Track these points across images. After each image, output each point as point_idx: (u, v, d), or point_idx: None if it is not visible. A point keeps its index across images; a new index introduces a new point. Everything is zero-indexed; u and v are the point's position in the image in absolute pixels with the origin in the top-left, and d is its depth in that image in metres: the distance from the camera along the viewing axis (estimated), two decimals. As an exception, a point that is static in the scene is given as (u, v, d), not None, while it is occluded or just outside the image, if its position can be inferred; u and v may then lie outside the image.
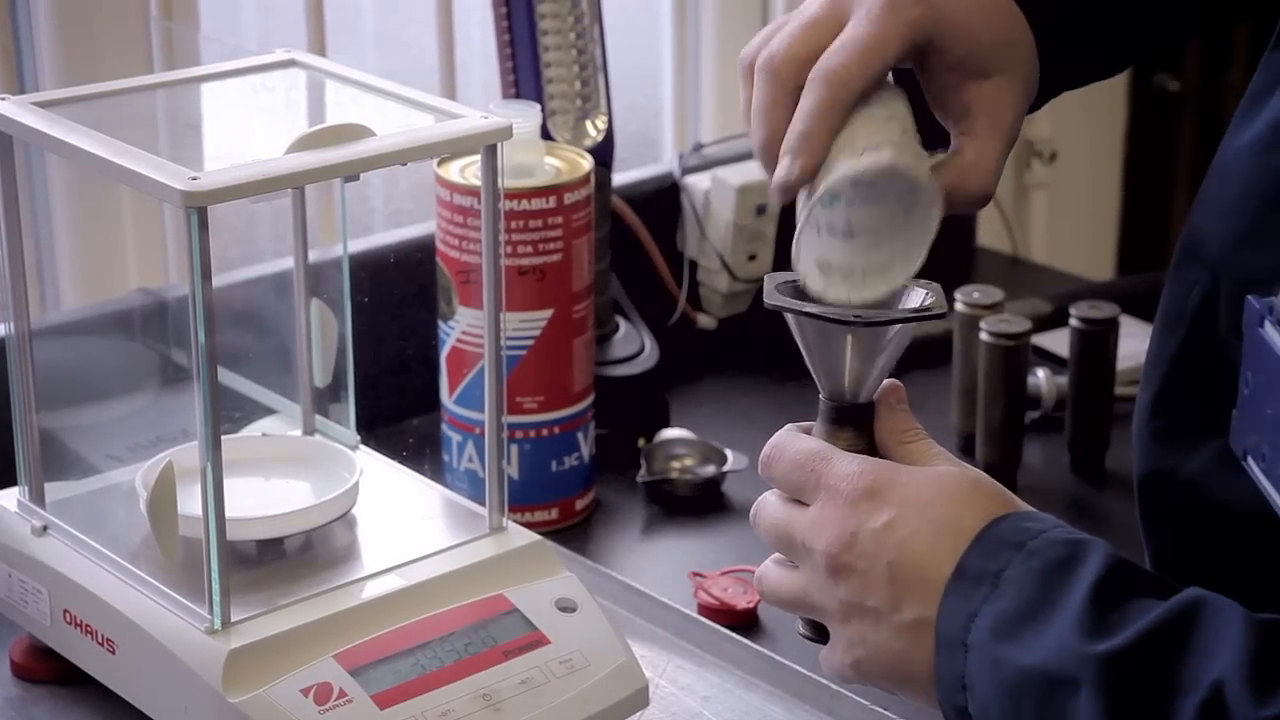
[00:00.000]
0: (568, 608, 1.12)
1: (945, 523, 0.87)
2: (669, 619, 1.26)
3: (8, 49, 1.47)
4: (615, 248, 1.53)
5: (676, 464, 1.47)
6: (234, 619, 1.05)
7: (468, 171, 1.36)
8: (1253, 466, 0.81)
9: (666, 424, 1.53)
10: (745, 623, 1.28)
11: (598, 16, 1.49)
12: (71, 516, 1.15)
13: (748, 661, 1.22)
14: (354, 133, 1.07)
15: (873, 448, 0.93)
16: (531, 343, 1.37)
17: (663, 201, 1.68)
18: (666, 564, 1.38)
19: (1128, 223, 2.49)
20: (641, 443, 1.49)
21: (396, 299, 1.52)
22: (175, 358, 1.35)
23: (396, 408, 1.54)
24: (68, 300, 1.55)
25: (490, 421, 1.15)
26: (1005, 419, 1.47)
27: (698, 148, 1.74)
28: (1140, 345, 0.99)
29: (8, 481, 1.19)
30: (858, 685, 0.98)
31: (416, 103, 1.14)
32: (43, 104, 1.10)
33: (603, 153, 1.50)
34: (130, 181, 1.02)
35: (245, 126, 1.21)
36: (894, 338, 0.92)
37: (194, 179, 0.99)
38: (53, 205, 1.53)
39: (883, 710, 1.15)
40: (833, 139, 0.89)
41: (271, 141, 1.07)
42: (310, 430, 1.28)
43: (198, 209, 0.99)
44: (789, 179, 0.89)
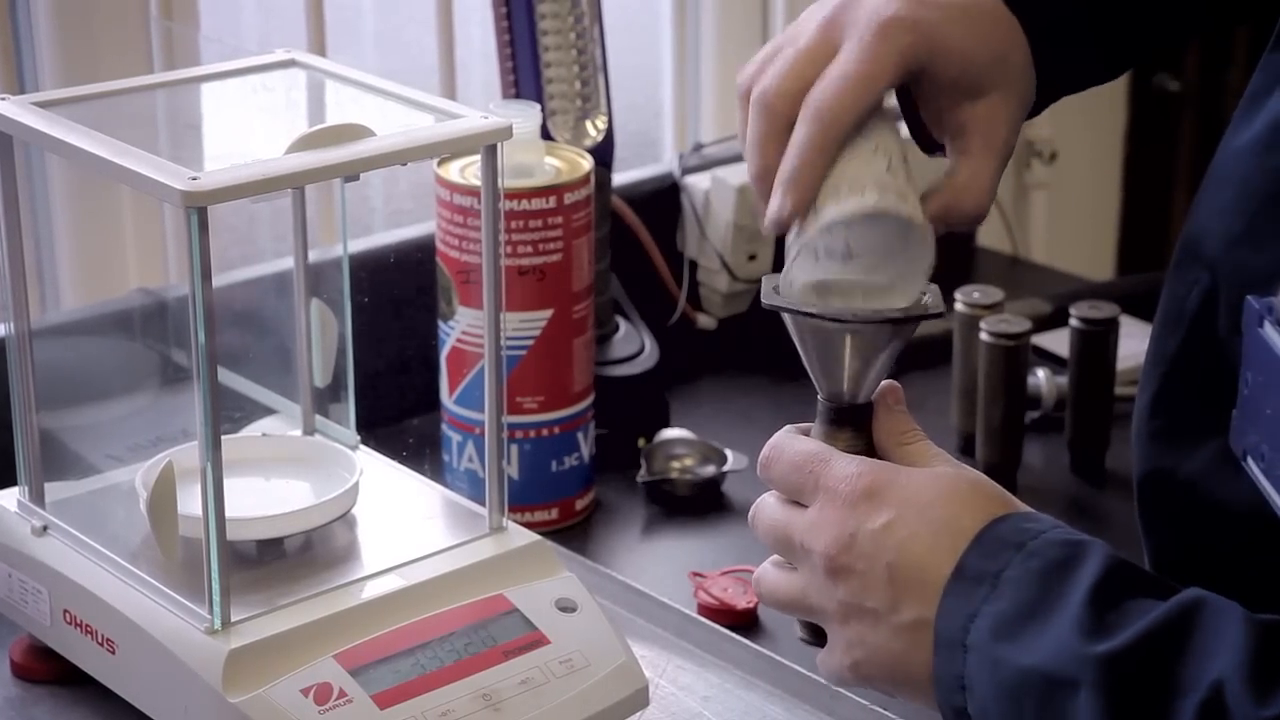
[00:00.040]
0: (568, 608, 1.12)
1: (944, 523, 0.87)
2: (669, 619, 1.26)
3: (8, 49, 1.47)
4: (615, 248, 1.53)
5: (676, 464, 1.47)
6: (234, 619, 1.05)
7: (468, 171, 1.36)
8: (1252, 467, 0.81)
9: (666, 424, 1.53)
10: (745, 623, 1.28)
11: (598, 16, 1.49)
12: (71, 516, 1.15)
13: (748, 661, 1.22)
14: (354, 133, 1.07)
15: (871, 449, 0.93)
16: (531, 343, 1.37)
17: (663, 201, 1.68)
18: (666, 564, 1.38)
19: (1128, 223, 2.49)
20: (641, 443, 1.49)
21: (396, 299, 1.52)
22: (175, 358, 1.34)
23: (396, 408, 1.54)
24: (68, 300, 1.55)
25: (490, 421, 1.15)
26: (1005, 419, 1.47)
27: (698, 148, 1.73)
28: (1140, 345, 0.99)
29: (8, 481, 1.19)
30: (856, 688, 0.98)
31: (416, 103, 1.14)
32: (43, 104, 1.10)
33: (603, 153, 1.50)
34: (130, 181, 1.02)
35: (245, 126, 1.21)
36: (891, 340, 0.92)
37: (194, 179, 0.99)
38: (53, 205, 1.53)
39: (882, 710, 1.15)
40: (824, 174, 0.90)
41: (271, 141, 1.07)
42: (310, 430, 1.28)
43: (198, 209, 0.99)
44: (780, 215, 0.91)
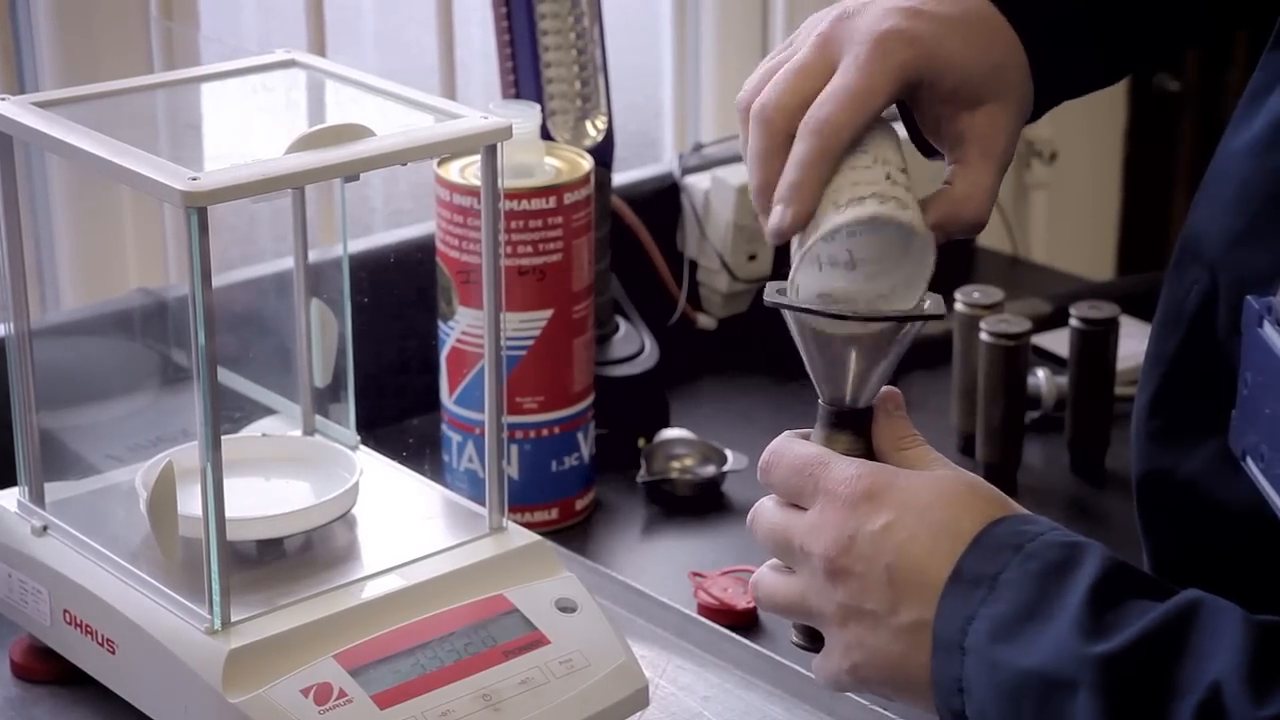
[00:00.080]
0: (568, 608, 1.12)
1: (943, 526, 0.87)
2: (669, 619, 1.26)
3: (8, 49, 1.47)
4: (615, 248, 1.53)
5: (676, 464, 1.47)
6: (234, 619, 1.05)
7: (468, 171, 1.36)
8: (1251, 466, 0.81)
9: (666, 424, 1.53)
10: (745, 623, 1.28)
11: (598, 16, 1.49)
12: (71, 516, 1.15)
13: (748, 661, 1.22)
14: (354, 133, 1.07)
15: (870, 453, 0.93)
16: (531, 343, 1.37)
17: (663, 201, 1.68)
18: (666, 564, 1.38)
19: (1128, 223, 2.49)
20: (641, 443, 1.49)
21: (396, 299, 1.52)
22: (175, 358, 1.34)
23: (396, 408, 1.54)
24: (68, 300, 1.55)
25: (490, 421, 1.15)
26: (1005, 419, 1.47)
27: (698, 148, 1.73)
28: (1140, 345, 0.99)
29: (8, 481, 1.19)
30: (854, 692, 0.98)
31: (416, 103, 1.14)
32: (43, 104, 1.10)
33: (603, 153, 1.50)
34: (130, 181, 1.02)
35: (245, 126, 1.21)
36: (893, 343, 0.92)
37: (194, 179, 0.99)
38: (53, 205, 1.53)
39: (882, 710, 1.15)
40: (823, 187, 0.90)
41: (271, 141, 1.07)
42: (310, 430, 1.28)
43: (198, 209, 0.99)
44: (781, 227, 0.91)
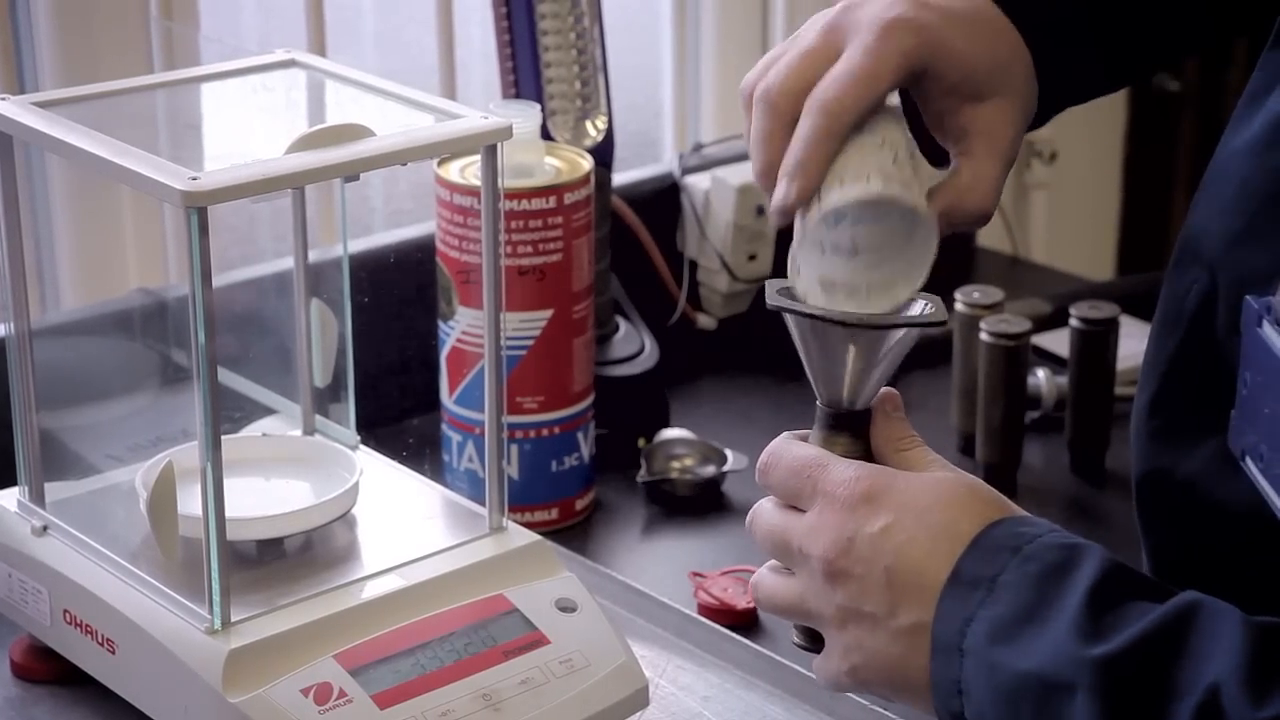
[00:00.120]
0: (568, 608, 1.12)
1: (942, 528, 0.87)
2: (669, 619, 1.26)
3: (8, 49, 1.47)
4: (615, 248, 1.53)
5: (676, 464, 1.47)
6: (234, 619, 1.05)
7: (468, 171, 1.36)
8: (1251, 466, 0.81)
9: (666, 424, 1.53)
10: (745, 623, 1.28)
11: (598, 16, 1.49)
12: (71, 516, 1.15)
13: (748, 661, 1.22)
14: (354, 133, 1.07)
15: (869, 454, 0.93)
16: (531, 343, 1.37)
17: (663, 201, 1.68)
18: (666, 564, 1.38)
19: (1128, 223, 2.49)
20: (641, 443, 1.49)
21: (396, 299, 1.52)
22: (175, 358, 1.34)
23: (396, 408, 1.54)
24: (68, 300, 1.55)
25: (490, 421, 1.15)
26: (1005, 419, 1.47)
27: (698, 148, 1.74)
28: (1140, 345, 0.99)
29: (8, 481, 1.19)
30: (854, 693, 0.98)
31: (416, 103, 1.14)
32: (43, 104, 1.10)
33: (603, 153, 1.50)
34: (130, 181, 1.02)
35: (245, 126, 1.21)
36: (893, 346, 0.92)
37: (194, 179, 0.99)
38: (53, 205, 1.53)
39: (882, 710, 1.15)
40: (828, 165, 0.90)
41: (271, 141, 1.07)
42: (310, 430, 1.28)
43: (198, 209, 0.99)
44: (785, 202, 0.91)
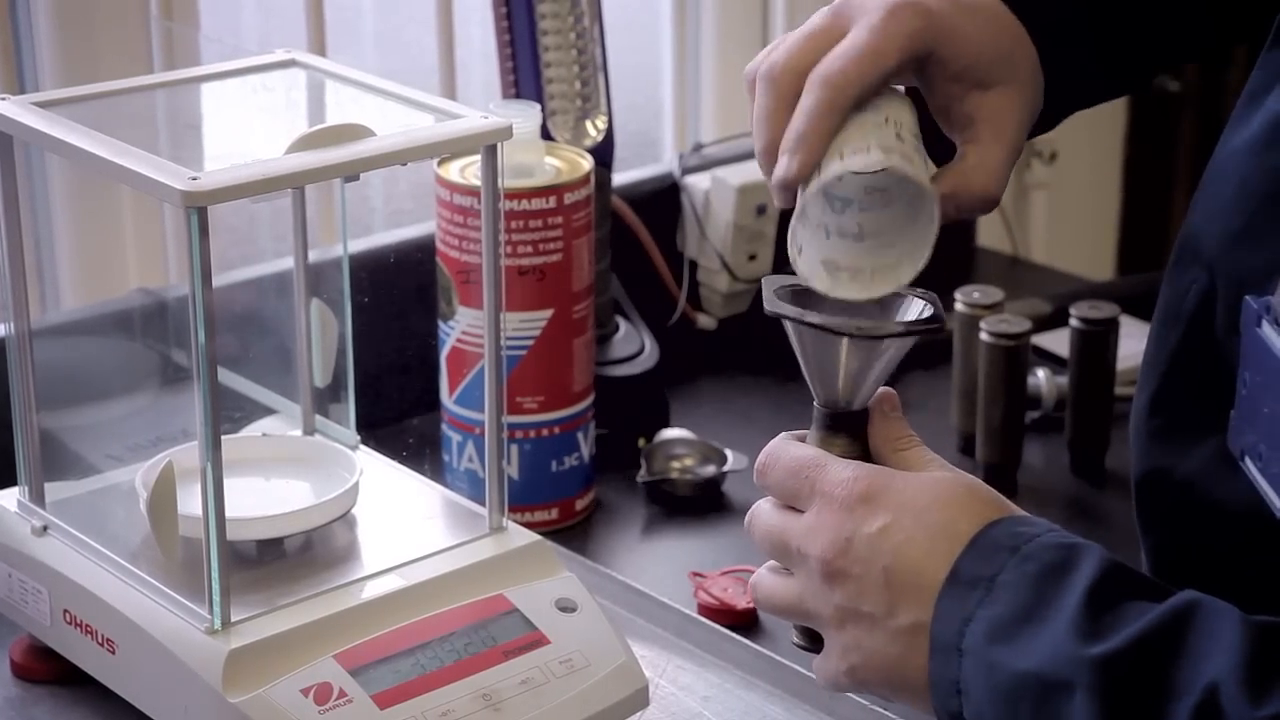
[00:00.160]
0: (568, 608, 1.12)
1: (940, 528, 0.87)
2: (669, 619, 1.26)
3: (8, 49, 1.47)
4: (615, 248, 1.53)
5: (676, 464, 1.47)
6: (234, 619, 1.05)
7: (468, 171, 1.36)
8: (1250, 466, 0.81)
9: (666, 424, 1.53)
10: (745, 623, 1.28)
11: (598, 16, 1.49)
12: (71, 516, 1.15)
13: (748, 661, 1.22)
14: (354, 133, 1.07)
15: (867, 455, 0.93)
16: (531, 343, 1.37)
17: (663, 201, 1.68)
18: (666, 564, 1.38)
19: (1128, 223, 2.49)
20: (641, 443, 1.49)
21: (396, 299, 1.52)
22: (175, 358, 1.35)
23: (396, 408, 1.54)
24: (68, 300, 1.55)
25: (490, 421, 1.15)
26: (1005, 419, 1.47)
27: (698, 148, 1.74)
28: (1140, 345, 0.99)
29: (8, 481, 1.19)
30: (853, 693, 0.97)
31: (416, 103, 1.14)
32: (43, 104, 1.10)
33: (603, 153, 1.50)
34: (130, 181, 1.02)
35: (245, 126, 1.21)
36: (891, 349, 0.92)
37: (194, 179, 0.99)
38: (53, 205, 1.53)
39: (882, 710, 1.15)
40: (829, 139, 0.89)
41: (271, 141, 1.07)
42: (310, 430, 1.28)
43: (198, 209, 0.99)
44: (786, 176, 0.90)
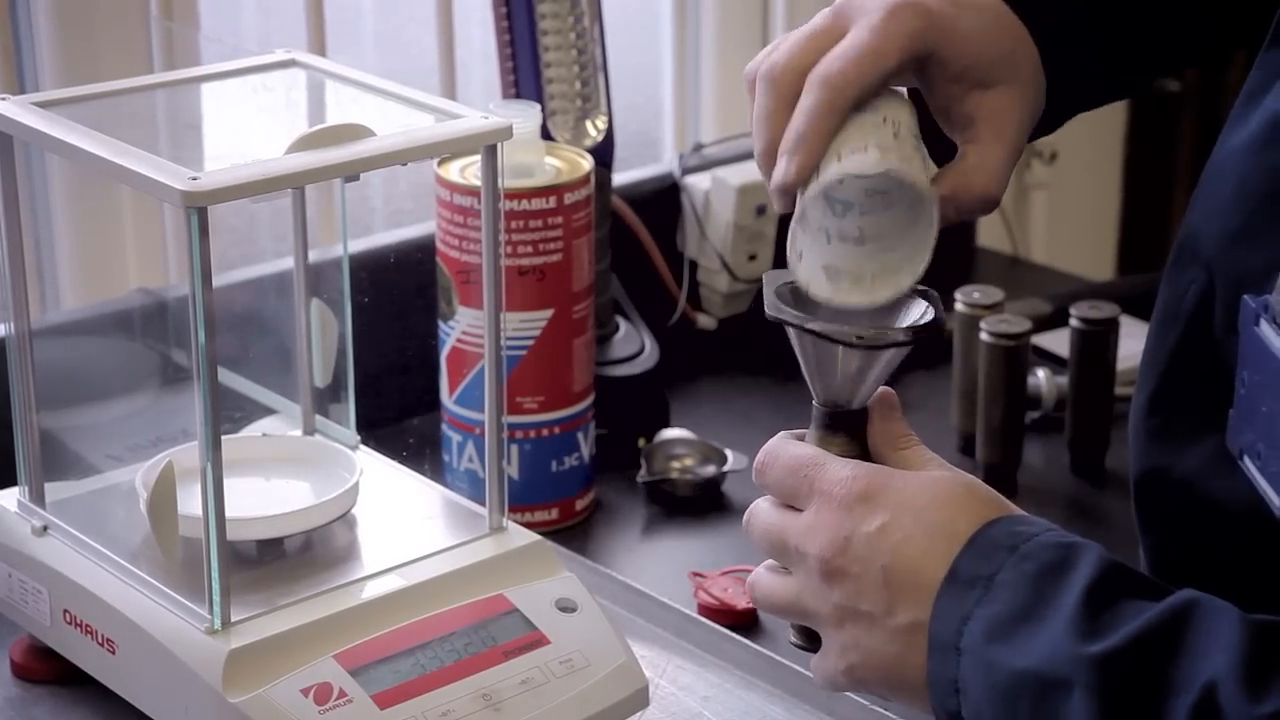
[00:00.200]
0: (568, 608, 1.12)
1: (939, 527, 0.87)
2: (669, 619, 1.26)
3: (8, 49, 1.47)
4: (615, 248, 1.53)
5: (676, 464, 1.47)
6: (234, 619, 1.05)
7: (468, 171, 1.36)
8: (1248, 465, 0.81)
9: (666, 424, 1.53)
10: (745, 623, 1.28)
11: (598, 16, 1.49)
12: (71, 516, 1.15)
13: (748, 661, 1.22)
14: (354, 133, 1.07)
15: (866, 454, 0.93)
16: (531, 343, 1.37)
17: (663, 201, 1.68)
18: (666, 564, 1.38)
19: (1128, 223, 2.49)
20: (641, 443, 1.49)
21: (396, 299, 1.52)
22: (175, 358, 1.35)
23: (396, 408, 1.54)
24: (68, 300, 1.55)
25: (490, 421, 1.15)
26: (1005, 419, 1.47)
27: (698, 148, 1.74)
28: (1140, 345, 0.99)
29: (8, 481, 1.19)
30: (851, 692, 0.97)
31: (416, 103, 1.14)
32: (43, 104, 1.10)
33: (603, 153, 1.50)
34: (130, 181, 1.02)
35: (245, 126, 1.21)
36: (891, 351, 0.92)
37: (194, 179, 0.99)
38: (53, 205, 1.53)
39: (882, 710, 1.15)
40: (829, 140, 0.89)
41: (271, 141, 1.07)
42: (310, 430, 1.28)
43: (198, 209, 0.99)
44: (785, 179, 0.90)
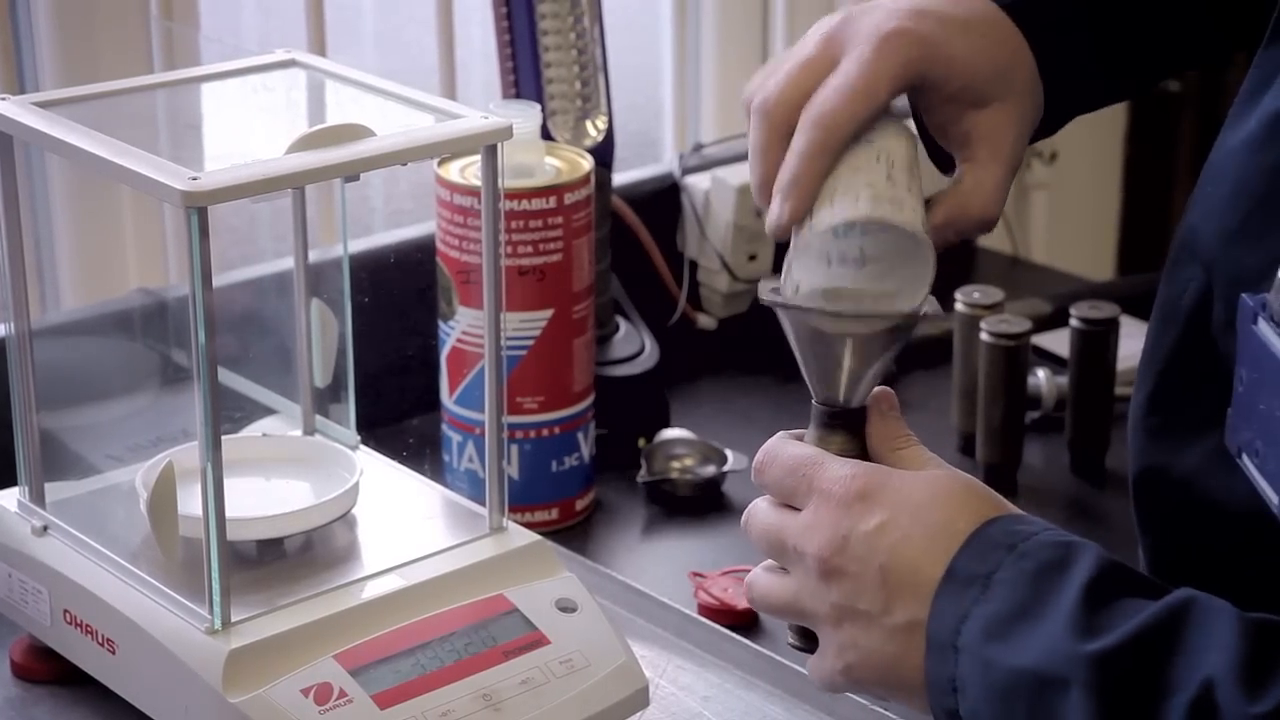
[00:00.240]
0: (568, 608, 1.12)
1: (938, 526, 0.87)
2: (669, 619, 1.26)
3: (8, 49, 1.47)
4: (615, 248, 1.53)
5: (676, 464, 1.47)
6: (234, 619, 1.05)
7: (468, 171, 1.36)
8: (1247, 463, 0.81)
9: (666, 424, 1.53)
10: (745, 623, 1.28)
11: (598, 16, 1.49)
12: (71, 516, 1.15)
13: (748, 661, 1.22)
14: (354, 133, 1.07)
15: (865, 454, 0.93)
16: (532, 343, 1.37)
17: (663, 201, 1.68)
18: (666, 564, 1.38)
19: (1128, 223, 2.49)
20: (641, 443, 1.49)
21: (396, 299, 1.52)
22: (175, 358, 1.35)
23: (396, 408, 1.54)
24: (68, 300, 1.55)
25: (490, 421, 1.15)
26: (1005, 419, 1.47)
27: (698, 148, 1.74)
28: (1140, 345, 0.99)
29: (8, 481, 1.19)
30: (848, 693, 0.97)
31: (416, 103, 1.14)
32: (43, 104, 1.10)
33: (603, 153, 1.50)
34: (130, 181, 1.02)
35: (245, 126, 1.21)
36: (888, 342, 0.92)
37: (194, 179, 0.99)
38: (53, 205, 1.53)
39: (882, 710, 1.15)
40: (822, 180, 0.91)
41: (271, 141, 1.07)
42: (310, 430, 1.28)
43: (198, 209, 0.99)
44: (780, 221, 0.91)
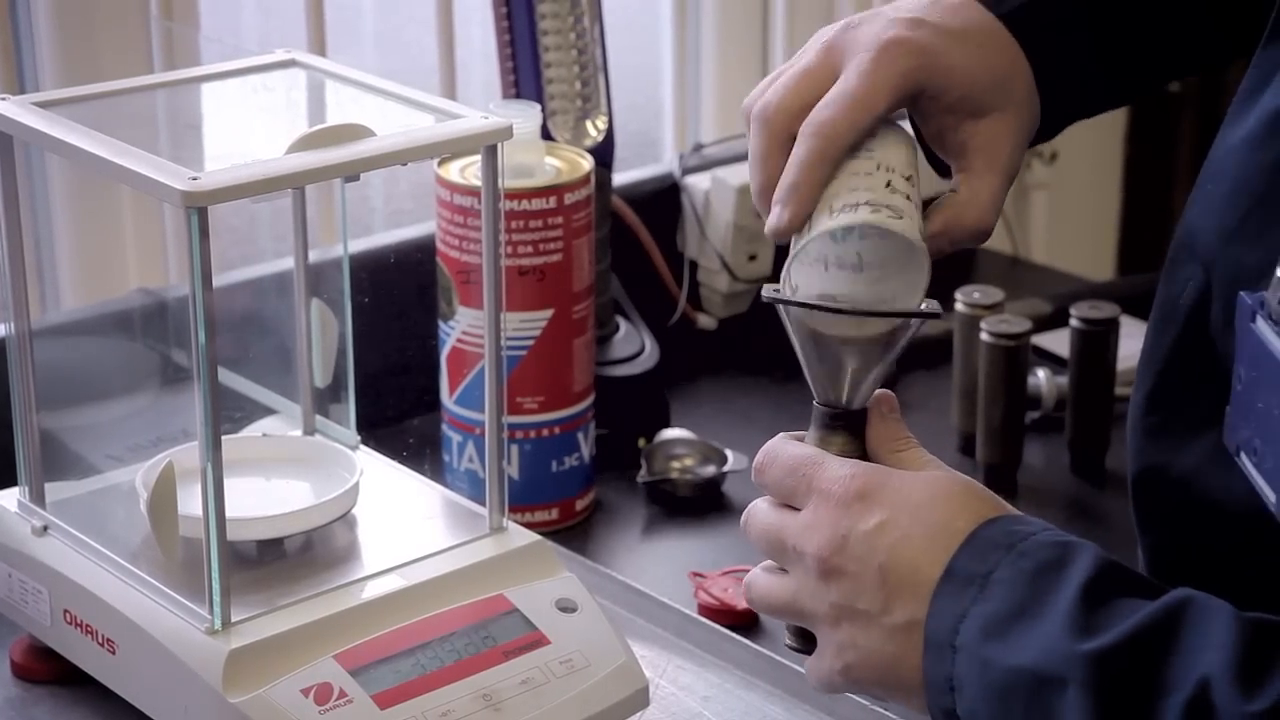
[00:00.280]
0: (568, 608, 1.12)
1: (937, 525, 0.87)
2: (669, 619, 1.26)
3: (8, 49, 1.47)
4: (615, 248, 1.53)
5: (676, 464, 1.47)
6: (234, 619, 1.05)
7: (468, 171, 1.36)
8: (1245, 461, 0.81)
9: (666, 424, 1.53)
10: (745, 623, 1.28)
11: (598, 16, 1.49)
12: (71, 516, 1.15)
13: (748, 661, 1.22)
14: (354, 133, 1.07)
15: (865, 455, 0.93)
16: (532, 343, 1.37)
17: (663, 201, 1.68)
18: (666, 564, 1.38)
19: (1128, 223, 2.49)
20: (641, 443, 1.49)
21: (396, 299, 1.52)
22: (175, 358, 1.35)
23: (396, 408, 1.54)
24: (68, 300, 1.55)
25: (490, 422, 1.15)
26: (1005, 419, 1.47)
27: (698, 148, 1.74)
28: (1140, 345, 0.99)
29: (8, 481, 1.19)
30: (847, 693, 0.97)
31: (416, 103, 1.14)
32: (43, 104, 1.10)
33: (603, 153, 1.50)
34: (130, 181, 1.02)
35: (245, 126, 1.21)
36: (889, 342, 0.92)
37: (194, 179, 0.99)
38: (53, 205, 1.53)
39: (882, 710, 1.15)
40: (821, 189, 0.91)
41: (271, 141, 1.07)
42: (310, 430, 1.28)
43: (198, 209, 0.99)
44: (779, 228, 0.92)
